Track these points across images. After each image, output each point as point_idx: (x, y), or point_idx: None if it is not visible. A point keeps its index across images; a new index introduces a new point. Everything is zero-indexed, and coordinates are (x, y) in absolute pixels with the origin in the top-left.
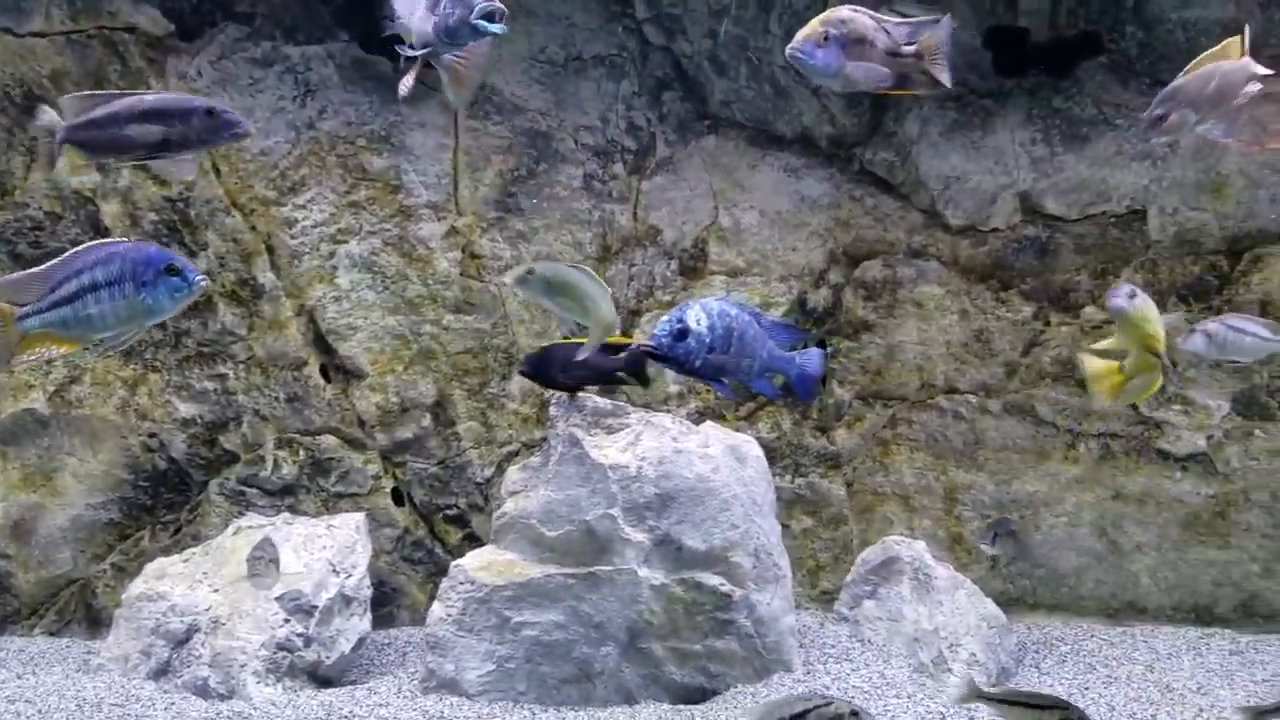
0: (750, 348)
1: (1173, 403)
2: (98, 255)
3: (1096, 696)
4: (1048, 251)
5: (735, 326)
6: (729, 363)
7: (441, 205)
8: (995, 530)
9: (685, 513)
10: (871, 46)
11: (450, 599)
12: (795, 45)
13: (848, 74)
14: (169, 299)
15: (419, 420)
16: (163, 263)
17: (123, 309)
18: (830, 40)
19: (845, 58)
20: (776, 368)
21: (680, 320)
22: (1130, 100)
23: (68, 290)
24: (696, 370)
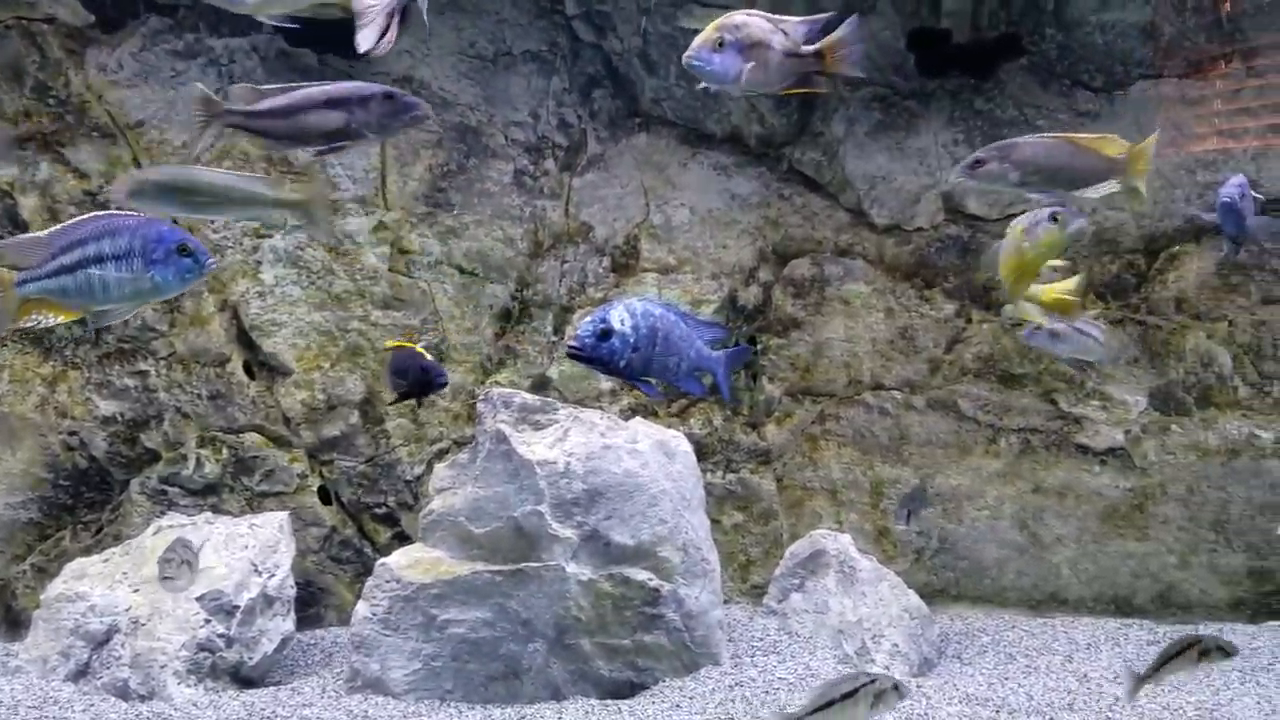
0: (676, 347)
1: (1092, 398)
2: (106, 226)
3: (1016, 686)
4: (969, 250)
5: (660, 326)
6: (655, 362)
7: (369, 199)
8: (907, 508)
9: (613, 508)
10: (769, 49)
11: (375, 598)
12: (691, 53)
13: (746, 78)
14: (178, 279)
15: (346, 418)
16: (175, 242)
17: (128, 284)
18: (726, 46)
19: (743, 61)
20: (705, 366)
21: (603, 320)
22: (1050, 102)
23: (71, 258)
24: (621, 370)
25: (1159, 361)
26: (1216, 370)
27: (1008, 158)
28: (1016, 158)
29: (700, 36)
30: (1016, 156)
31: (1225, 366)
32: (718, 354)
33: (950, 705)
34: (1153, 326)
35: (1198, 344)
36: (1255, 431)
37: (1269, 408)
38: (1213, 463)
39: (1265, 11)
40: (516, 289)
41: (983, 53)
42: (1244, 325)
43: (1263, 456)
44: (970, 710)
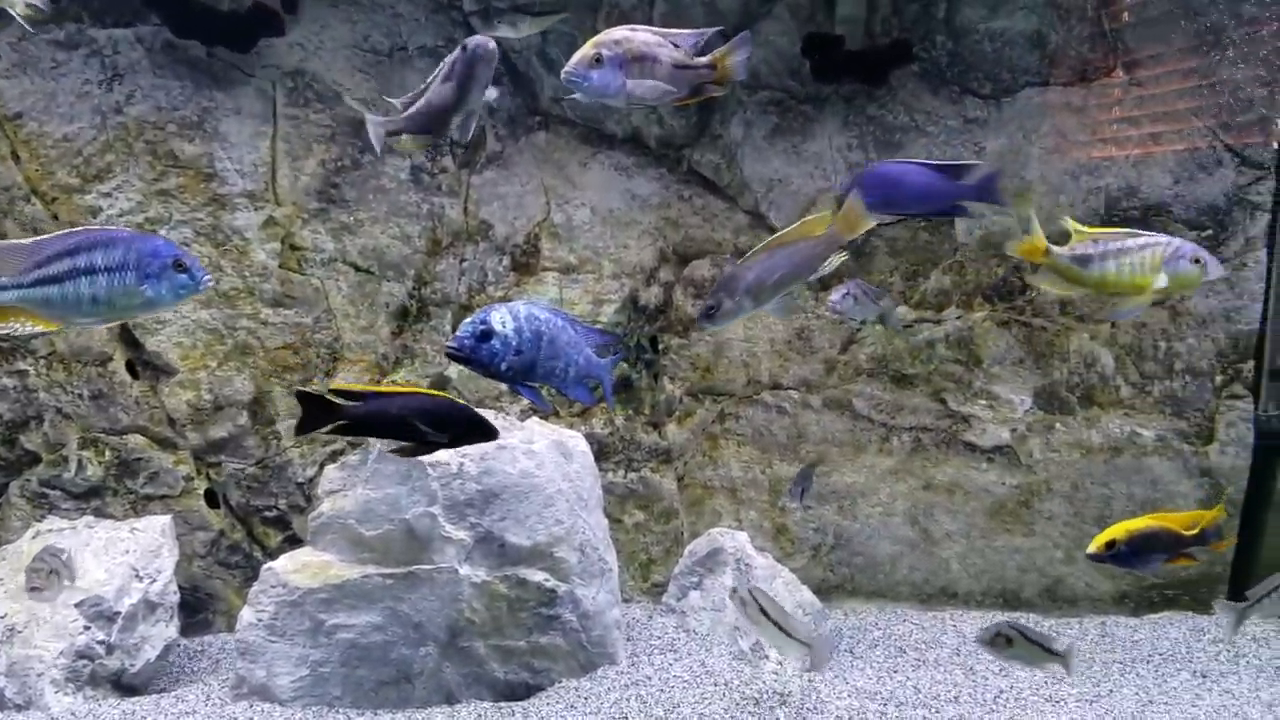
0: (563, 352)
1: (979, 398)
2: (97, 238)
3: (904, 679)
4: (863, 253)
5: (545, 330)
6: (540, 367)
7: (259, 194)
8: (800, 486)
9: (509, 509)
10: (656, 62)
11: (261, 603)
12: (568, 69)
13: (630, 92)
14: (172, 294)
15: (234, 419)
16: (170, 257)
17: (119, 297)
18: (604, 61)
19: (625, 76)
20: (593, 374)
21: (484, 321)
22: (940, 108)
23: (58, 269)
24: (503, 374)
25: (1043, 362)
26: (1099, 371)
27: (735, 292)
28: (743, 289)
29: (578, 53)
30: (742, 287)
31: (1108, 367)
32: (607, 360)
33: (840, 699)
34: (1038, 328)
35: (1081, 345)
36: (1136, 430)
37: (1150, 407)
38: (1096, 460)
39: (1147, 22)
40: (414, 287)
41: (875, 59)
42: (1125, 327)
43: (1144, 454)
44: (859, 703)
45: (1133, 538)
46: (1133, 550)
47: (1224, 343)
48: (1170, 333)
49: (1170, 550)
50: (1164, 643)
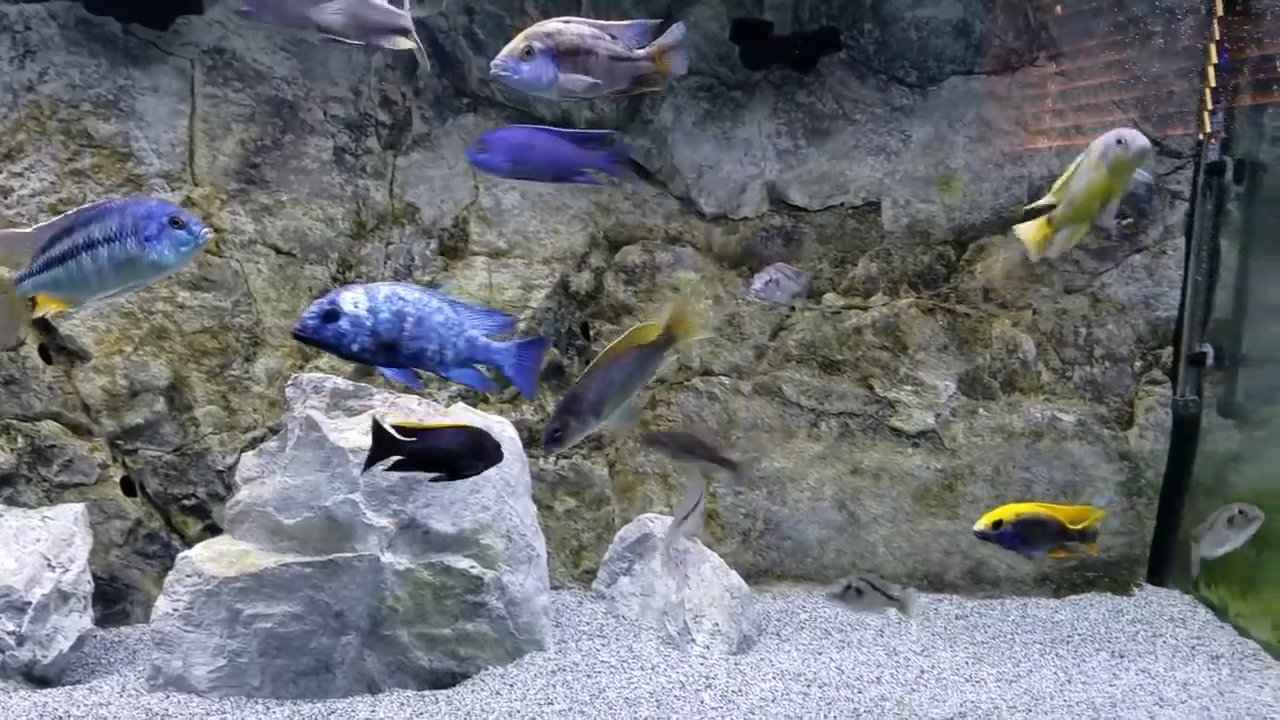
0: (434, 334)
1: (905, 384)
2: (93, 212)
3: (828, 661)
4: (793, 240)
5: (411, 311)
6: (404, 348)
7: (176, 175)
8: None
9: (432, 496)
10: (592, 55)
11: (176, 592)
12: (497, 61)
13: (563, 85)
14: (174, 253)
15: (151, 405)
16: (166, 216)
17: (125, 266)
18: (535, 54)
19: (558, 69)
20: (482, 358)
21: (331, 302)
22: (867, 96)
23: (60, 249)
24: (356, 355)
25: (967, 349)
26: (1021, 357)
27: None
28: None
29: (509, 45)
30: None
31: (1029, 353)
32: (505, 345)
33: (765, 681)
34: (961, 315)
35: (1004, 332)
36: (1057, 415)
37: (1070, 392)
38: (1018, 444)
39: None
40: (338, 271)
41: (803, 46)
42: (1047, 314)
43: (1064, 439)
44: (783, 685)
45: (1019, 521)
46: (1017, 533)
47: (1143, 329)
48: (1091, 319)
49: (1053, 540)
50: (1084, 623)
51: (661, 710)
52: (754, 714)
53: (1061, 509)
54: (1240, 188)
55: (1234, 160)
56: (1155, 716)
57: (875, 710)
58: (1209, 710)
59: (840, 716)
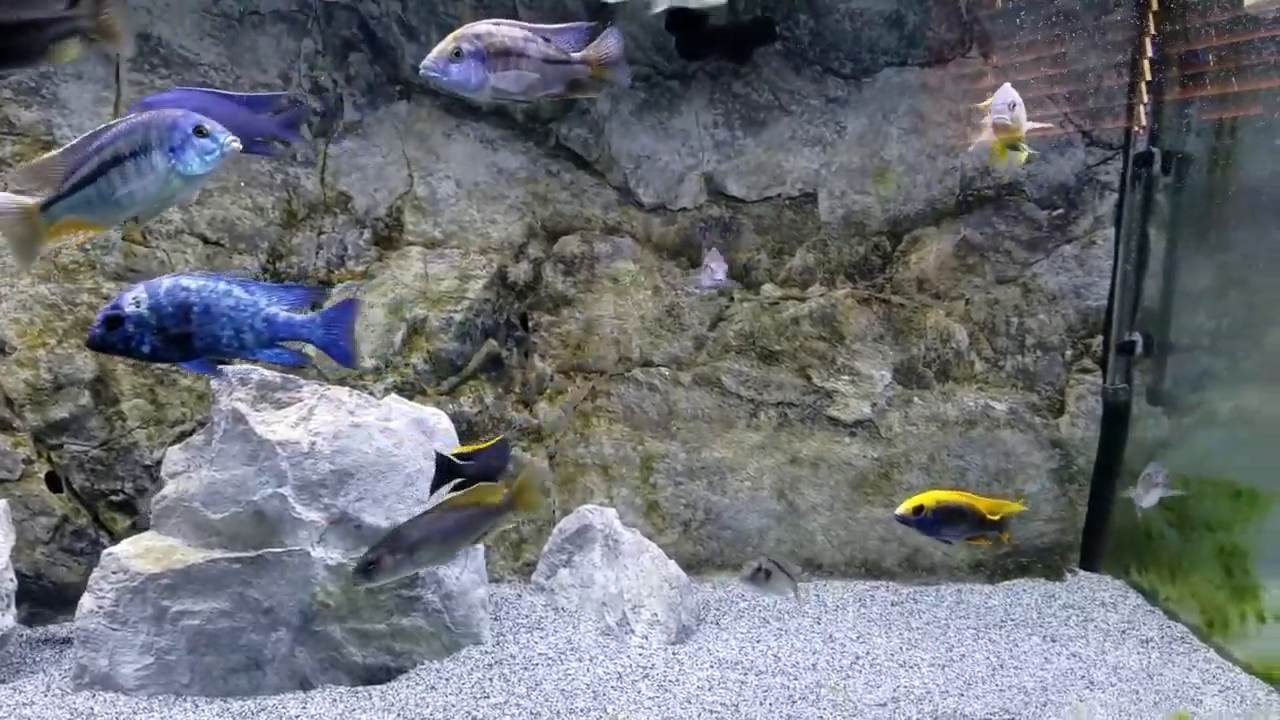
0: (227, 319)
1: (842, 374)
2: (118, 129)
3: (765, 649)
4: (731, 231)
5: (196, 300)
6: (198, 339)
7: None
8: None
9: (365, 489)
10: (523, 57)
11: (101, 589)
12: (426, 62)
13: (494, 86)
14: (201, 163)
15: (76, 398)
16: (190, 126)
17: (153, 180)
18: (464, 55)
19: (487, 70)
20: (289, 334)
21: (115, 307)
22: (803, 87)
23: (88, 169)
24: (151, 355)
25: (902, 339)
26: (954, 346)
27: (398, 550)
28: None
29: (438, 46)
30: (405, 545)
31: (962, 343)
32: (308, 318)
33: (701, 670)
34: (897, 305)
35: (938, 322)
36: (990, 403)
37: (1002, 381)
38: (952, 433)
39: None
40: (268, 261)
41: (738, 36)
42: (980, 304)
43: (997, 427)
44: (720, 674)
45: (940, 507)
46: (937, 519)
47: (1074, 318)
48: (1022, 309)
49: (972, 528)
50: (1017, 608)
51: (598, 701)
52: (690, 703)
53: (981, 499)
54: (1168, 178)
55: (1161, 152)
56: (1085, 699)
57: (810, 697)
58: (1138, 693)
59: (776, 704)
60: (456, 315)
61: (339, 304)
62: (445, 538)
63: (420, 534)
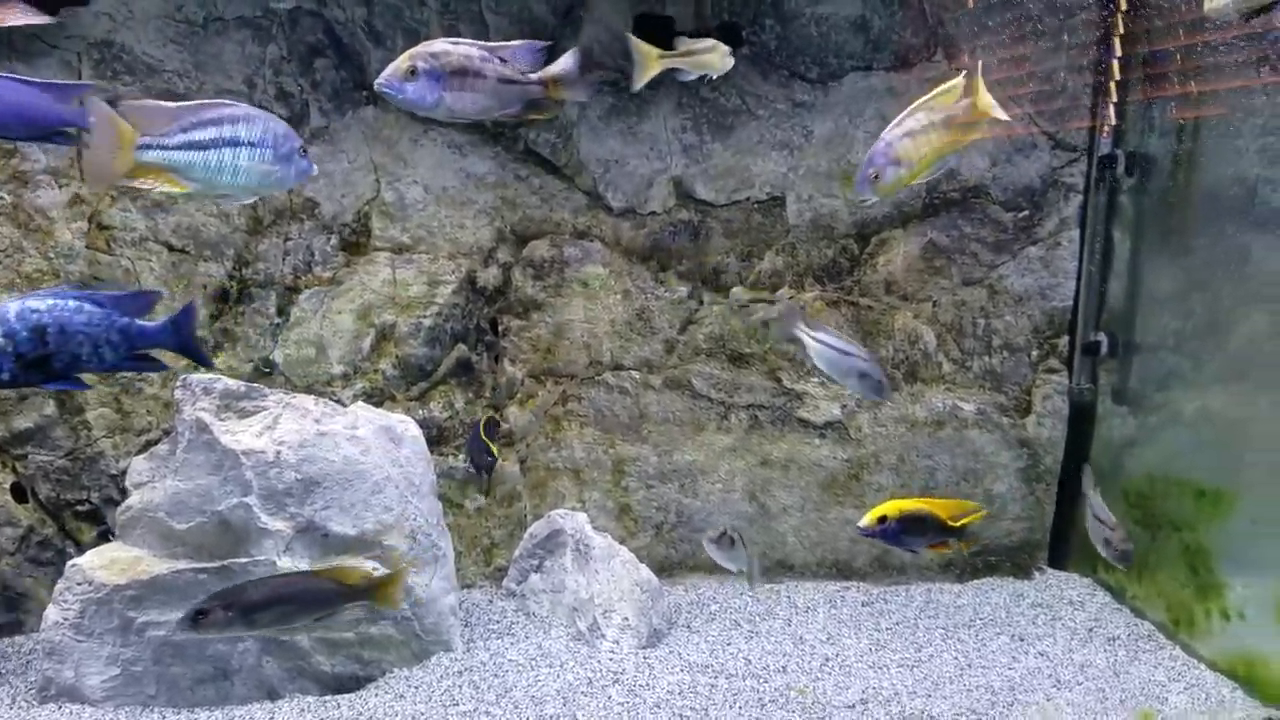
0: (82, 337)
1: (812, 376)
2: (242, 112)
3: (736, 652)
4: (700, 235)
5: (49, 321)
6: (58, 359)
7: (63, 171)
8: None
9: (332, 497)
10: (479, 76)
11: (66, 601)
12: (381, 80)
13: (449, 105)
14: (293, 177)
15: (40, 408)
16: (299, 142)
17: (255, 172)
18: (419, 74)
19: (442, 90)
20: (145, 344)
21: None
22: (770, 92)
23: (205, 135)
24: (13, 381)
25: (870, 341)
26: (922, 348)
27: (233, 605)
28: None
29: (393, 64)
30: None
31: (930, 344)
32: (160, 324)
33: (672, 674)
34: (865, 308)
35: (905, 323)
36: (958, 404)
37: (970, 382)
38: (920, 434)
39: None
40: (234, 268)
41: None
42: (947, 305)
43: (965, 427)
44: (690, 678)
45: (903, 517)
46: (901, 529)
47: (1040, 319)
48: (989, 310)
49: (934, 536)
50: (985, 608)
51: (568, 708)
52: (660, 708)
53: (941, 504)
54: (1132, 180)
55: (1125, 153)
56: (1052, 698)
57: (780, 699)
58: (1104, 691)
59: (746, 707)
60: (425, 320)
61: (183, 307)
62: (288, 607)
63: (262, 596)
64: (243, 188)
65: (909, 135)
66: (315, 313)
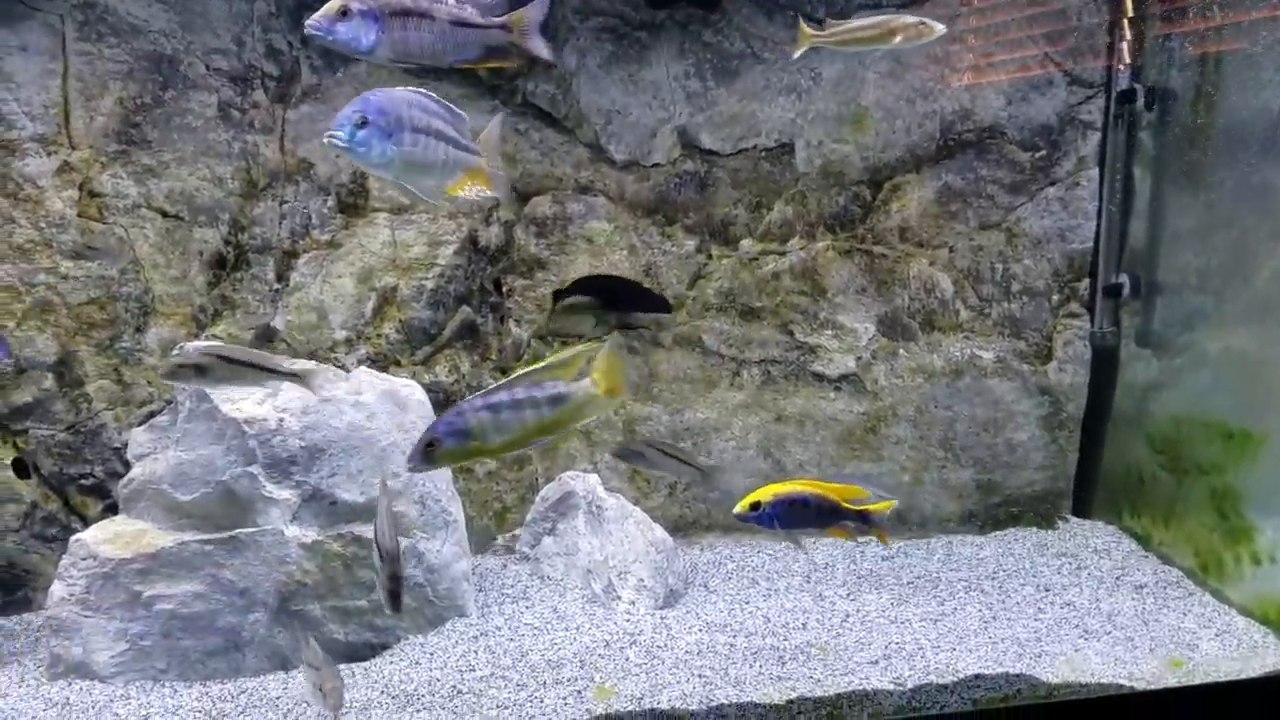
0: None
1: (825, 328)
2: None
3: (754, 610)
4: (707, 186)
5: None
6: None
7: (51, 138)
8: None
9: (338, 465)
10: (426, 17)
11: (71, 576)
12: (310, 20)
13: (389, 49)
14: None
15: (39, 382)
16: None
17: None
18: (352, 14)
19: (379, 30)
20: None
21: None
22: (776, 34)
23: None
24: None
25: (885, 289)
26: (939, 295)
27: None
28: None
29: (326, 4)
30: None
31: (947, 291)
32: None
33: (690, 634)
34: (879, 256)
35: (921, 271)
36: (976, 352)
37: (988, 329)
38: (939, 384)
39: None
40: (230, 233)
41: None
42: (963, 251)
43: (984, 375)
44: (709, 637)
45: (778, 500)
46: (777, 513)
47: (1059, 262)
48: (1007, 255)
49: (826, 519)
50: (1009, 559)
51: (586, 670)
52: (679, 668)
53: (832, 487)
54: (1151, 116)
55: (1145, 88)
56: (1080, 649)
57: (800, 657)
58: (1133, 640)
59: (766, 664)
60: (428, 283)
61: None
62: None
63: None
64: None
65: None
66: (315, 277)
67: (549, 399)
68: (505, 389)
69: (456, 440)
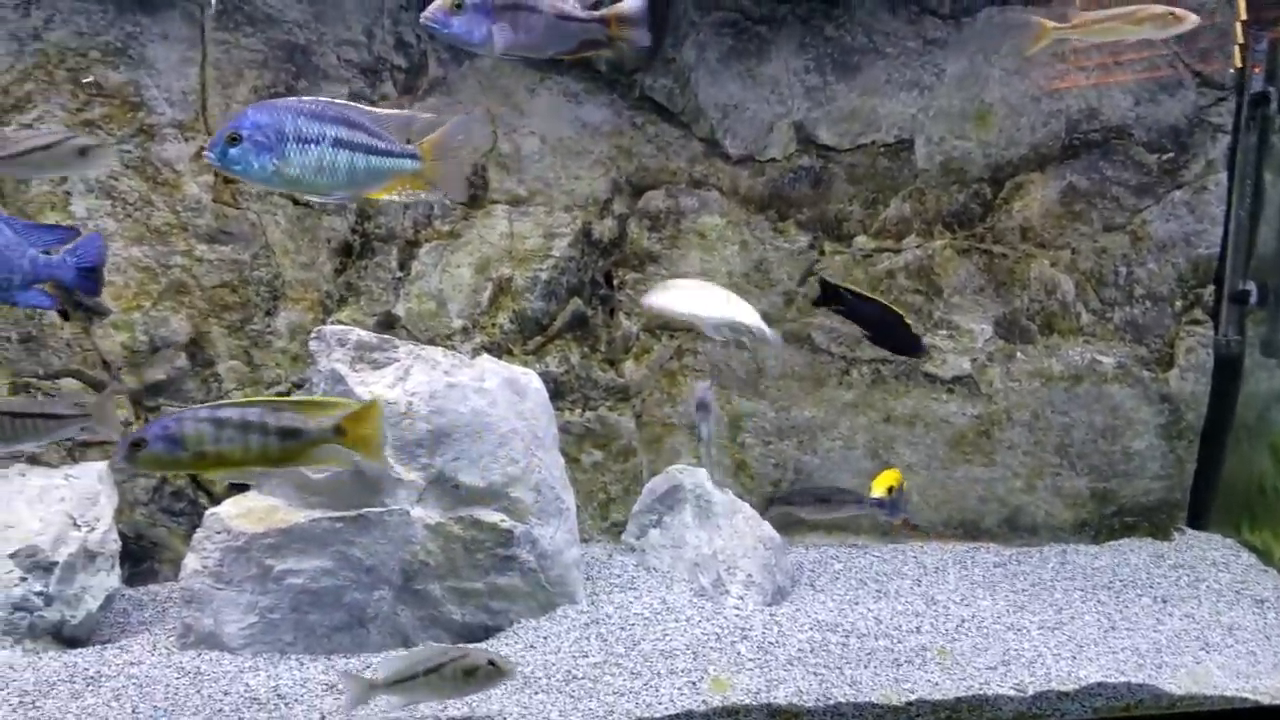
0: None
1: (940, 328)
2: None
3: (865, 610)
4: (821, 181)
5: None
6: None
7: (189, 124)
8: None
9: (461, 449)
10: (533, 11)
11: (206, 549)
12: (426, 13)
13: (498, 41)
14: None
15: (172, 360)
16: None
17: None
18: (466, 8)
19: (490, 23)
20: (47, 276)
21: None
22: (899, 29)
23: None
24: None
25: (1004, 290)
26: (1060, 298)
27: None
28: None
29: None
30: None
31: (1068, 294)
32: (60, 258)
33: (801, 632)
34: (998, 255)
35: (1042, 272)
36: (1097, 357)
37: (1110, 333)
38: (1056, 388)
39: None
40: (356, 221)
41: None
42: (1086, 253)
43: (1104, 381)
44: (820, 636)
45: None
46: None
47: (1184, 267)
48: (1131, 258)
49: None
50: (1124, 569)
51: (698, 662)
52: (792, 665)
53: None
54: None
55: (1278, 90)
56: (1201, 661)
57: (916, 660)
58: (1255, 654)
59: (881, 666)
60: (542, 274)
61: (84, 240)
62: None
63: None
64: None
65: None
66: (435, 266)
67: (280, 430)
68: (239, 407)
69: (166, 446)
